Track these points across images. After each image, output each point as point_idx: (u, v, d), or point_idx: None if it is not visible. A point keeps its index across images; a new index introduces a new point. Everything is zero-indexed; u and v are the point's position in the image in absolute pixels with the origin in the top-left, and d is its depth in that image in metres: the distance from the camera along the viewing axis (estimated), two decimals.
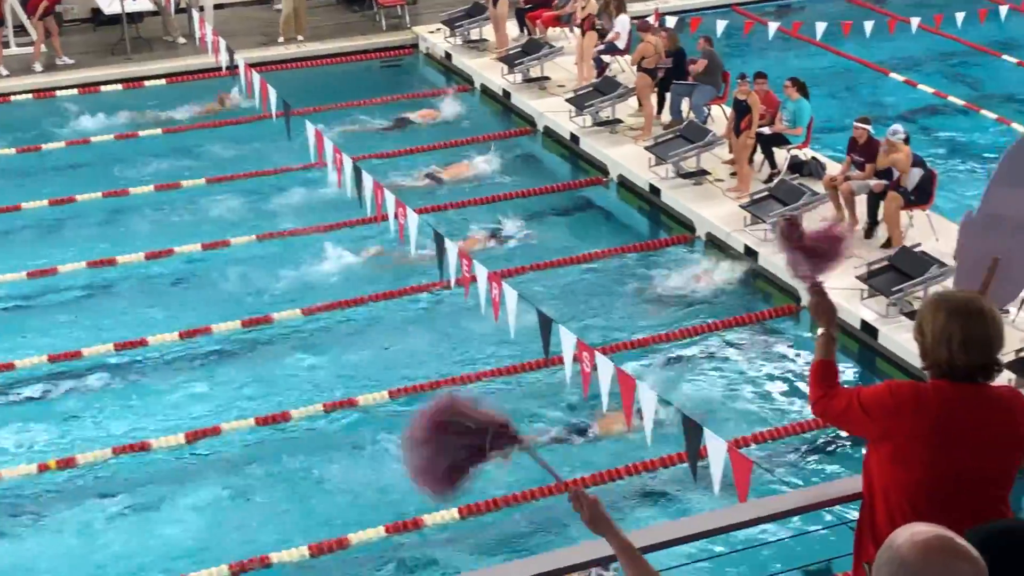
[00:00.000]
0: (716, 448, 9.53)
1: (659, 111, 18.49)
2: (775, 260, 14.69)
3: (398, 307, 14.53)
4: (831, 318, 4.97)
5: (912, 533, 3.25)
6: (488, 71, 20.86)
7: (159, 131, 19.16)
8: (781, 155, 16.65)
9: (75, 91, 20.73)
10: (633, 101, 18.60)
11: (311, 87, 20.63)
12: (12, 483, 11.67)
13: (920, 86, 20.24)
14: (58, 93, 20.71)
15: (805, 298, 4.87)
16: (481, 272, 12.41)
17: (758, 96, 16.37)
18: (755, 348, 13.62)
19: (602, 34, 19.85)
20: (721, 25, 19.92)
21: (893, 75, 20.71)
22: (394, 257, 15.28)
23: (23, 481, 11.71)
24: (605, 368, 10.66)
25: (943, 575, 3.17)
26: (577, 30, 20.31)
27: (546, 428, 12.15)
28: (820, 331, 4.96)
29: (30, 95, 20.72)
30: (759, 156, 16.72)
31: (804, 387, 12.58)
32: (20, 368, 13.31)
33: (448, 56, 21.94)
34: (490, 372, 13.19)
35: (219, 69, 18.91)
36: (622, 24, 19.66)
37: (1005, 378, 12.89)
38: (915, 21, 21.07)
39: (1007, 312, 12.82)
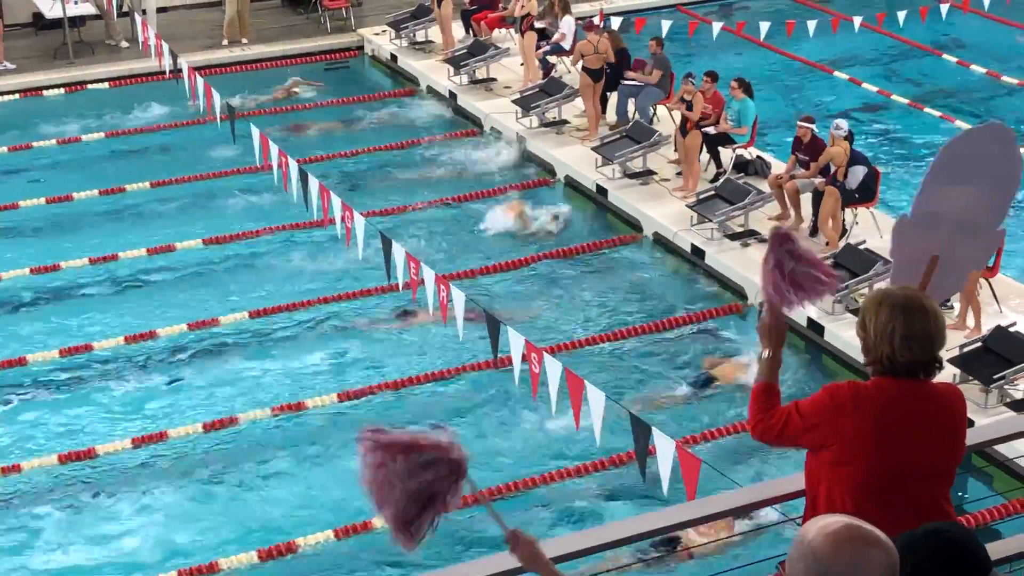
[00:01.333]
0: (665, 447, 9.56)
1: (604, 111, 18.54)
2: (720, 258, 14.79)
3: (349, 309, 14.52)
4: (780, 341, 4.88)
5: (821, 525, 3.27)
6: (434, 73, 20.82)
7: (102, 135, 18.97)
8: (727, 155, 16.74)
9: (16, 96, 20.52)
10: (580, 102, 18.63)
11: (256, 90, 20.52)
12: None
13: (864, 84, 20.42)
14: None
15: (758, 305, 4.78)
16: (429, 275, 12.39)
17: (703, 96, 16.45)
18: (702, 346, 13.68)
19: (545, 34, 19.89)
20: (666, 25, 19.99)
21: (837, 74, 20.88)
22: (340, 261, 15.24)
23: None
24: (554, 368, 10.66)
25: (854, 563, 3.19)
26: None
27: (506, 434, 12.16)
28: (766, 352, 4.86)
29: None
30: (705, 156, 16.80)
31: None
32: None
33: (394, 58, 21.88)
34: (440, 373, 13.18)
35: (163, 73, 18.76)
36: (567, 25, 19.69)
37: (948, 374, 13.06)
38: (858, 20, 21.24)
39: (950, 308, 12.95)
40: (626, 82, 18.13)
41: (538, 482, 11.49)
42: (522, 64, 20.13)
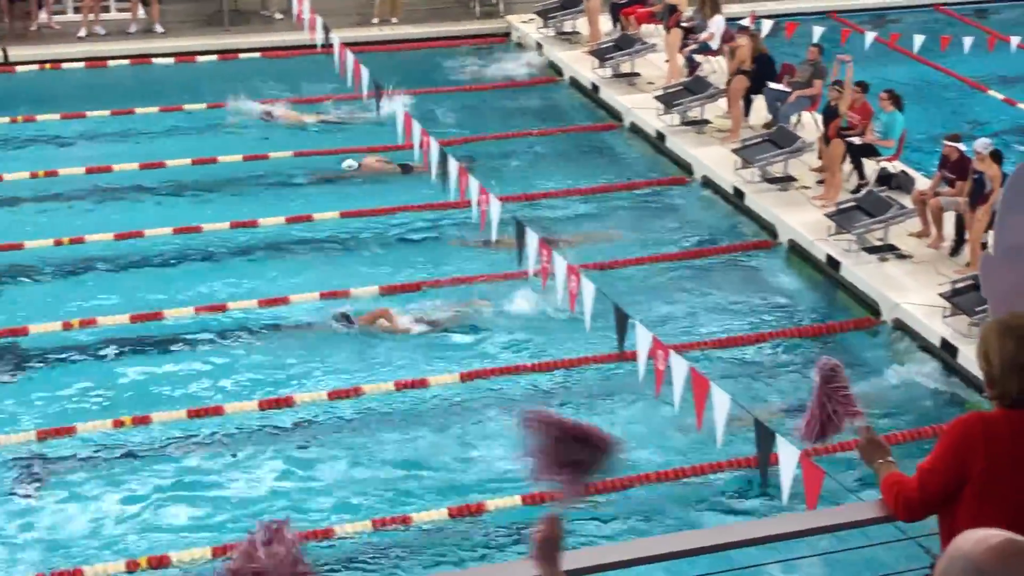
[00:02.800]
0: (788, 456, 9.46)
1: (748, 114, 18.37)
2: (856, 271, 14.56)
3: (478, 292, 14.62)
4: (886, 451, 4.85)
5: (980, 538, 3.18)
6: (578, 64, 20.83)
7: (254, 104, 19.33)
8: (871, 166, 16.46)
9: (171, 59, 21.03)
10: (723, 102, 18.48)
11: (401, 69, 20.72)
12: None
13: (1019, 104, 19.90)
14: (153, 60, 21.02)
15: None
16: (560, 264, 12.41)
17: (853, 106, 16.19)
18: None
19: (692, 32, 19.78)
20: (818, 32, 19.71)
21: (991, 92, 20.39)
22: (473, 243, 15.32)
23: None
24: (679, 367, 10.61)
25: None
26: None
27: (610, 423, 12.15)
28: (879, 462, 4.82)
29: (127, 60, 21.02)
30: (848, 166, 16.54)
31: (880, 400, 12.47)
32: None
33: (539, 47, 21.93)
34: (563, 362, 13.20)
35: (313, 46, 19.07)
36: (716, 24, 19.54)
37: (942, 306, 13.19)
38: (1015, 40, 20.73)
39: None
40: (773, 86, 17.94)
41: (652, 479, 11.45)
42: (667, 61, 20.03)
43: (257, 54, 21.40)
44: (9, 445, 11.73)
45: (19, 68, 20.63)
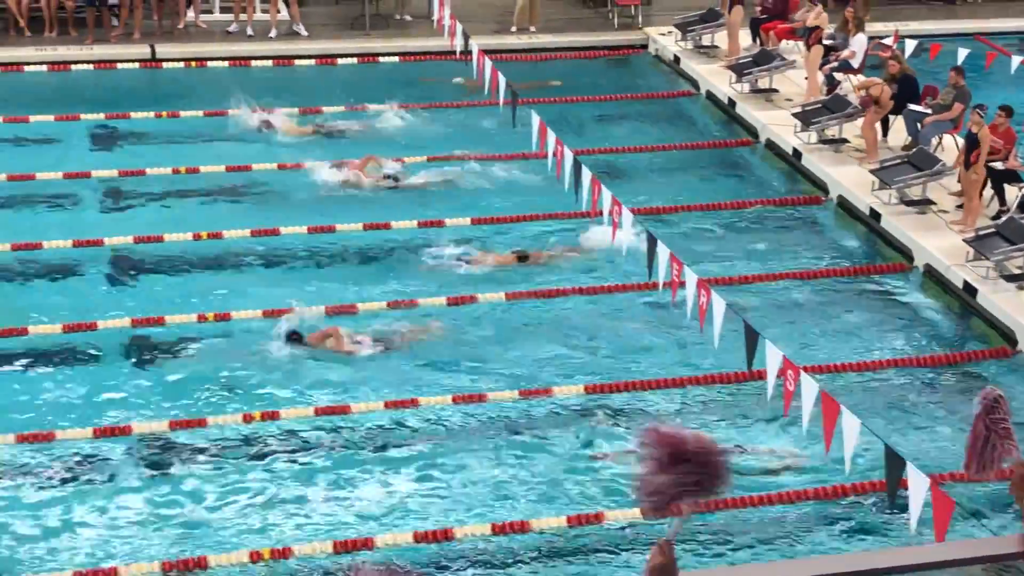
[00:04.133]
0: (918, 484, 9.27)
1: (886, 134, 18.08)
2: (994, 299, 14.22)
3: (599, 302, 14.58)
4: None
5: None
6: (715, 78, 20.70)
7: (390, 107, 19.55)
8: (1012, 192, 16.07)
9: (312, 61, 21.40)
10: (861, 121, 18.19)
11: (536, 78, 20.79)
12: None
13: None
14: (295, 63, 21.43)
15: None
16: (691, 278, 12.33)
17: (996, 131, 15.83)
18: (964, 387, 13.16)
19: (833, 49, 19.52)
20: (962, 54, 19.30)
21: None
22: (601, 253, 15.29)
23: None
24: (809, 389, 10.47)
25: None
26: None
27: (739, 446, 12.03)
28: None
29: (270, 61, 21.45)
30: (988, 191, 16.17)
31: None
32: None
33: (676, 60, 21.85)
34: (689, 379, 13.11)
35: (452, 53, 19.23)
36: (859, 43, 19.26)
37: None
38: None
39: None
40: (913, 107, 17.62)
41: (774, 500, 11.32)
42: (806, 78, 19.80)
43: (396, 58, 21.65)
44: (142, 433, 12.02)
45: (166, 65, 21.18)
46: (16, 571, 10.30)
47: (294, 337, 13.34)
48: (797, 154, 18.18)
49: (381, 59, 21.61)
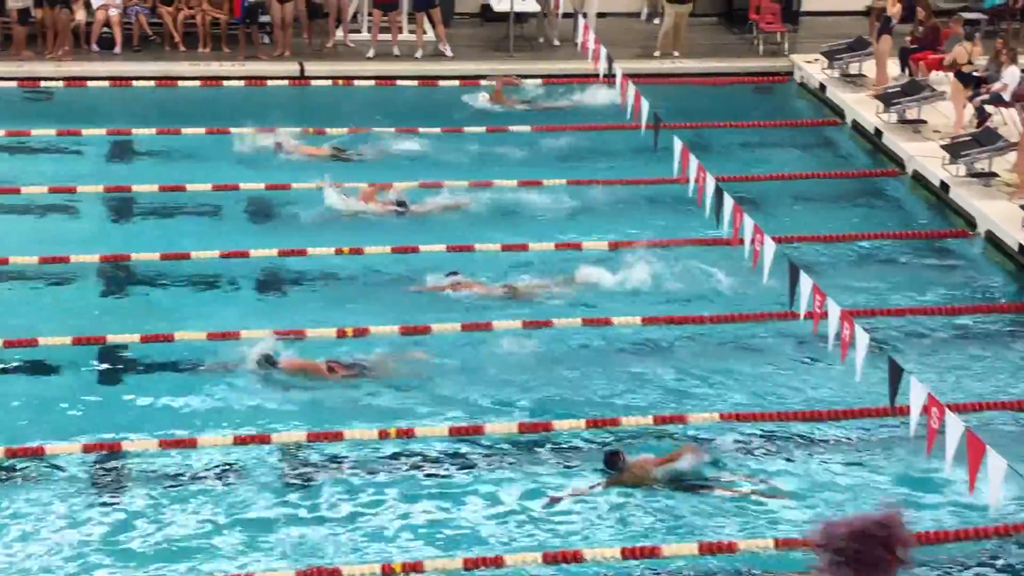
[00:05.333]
0: None
1: None
2: None
3: (738, 330, 14.44)
4: None
5: None
6: (861, 107, 20.38)
7: (527, 128, 19.67)
8: None
9: (456, 82, 21.62)
10: (1012, 155, 17.75)
11: (678, 103, 20.70)
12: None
13: None
14: (439, 83, 21.67)
15: None
16: (833, 309, 12.14)
17: None
18: None
19: (984, 81, 19.10)
20: None
21: None
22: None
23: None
24: (954, 428, 10.21)
25: None
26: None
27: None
28: None
29: (415, 81, 21.72)
30: None
31: None
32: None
33: (822, 88, 21.57)
34: (825, 413, 12.90)
35: (595, 76, 19.26)
36: (1011, 76, 18.79)
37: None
38: None
39: None
40: None
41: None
42: (955, 109, 19.40)
43: (538, 80, 21.73)
44: (280, 443, 12.21)
45: (313, 82, 21.57)
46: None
47: (269, 361, 13.23)
48: (944, 187, 17.79)
49: (526, 81, 21.67)
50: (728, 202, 14.30)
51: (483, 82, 20.90)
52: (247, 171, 17.94)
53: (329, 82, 21.57)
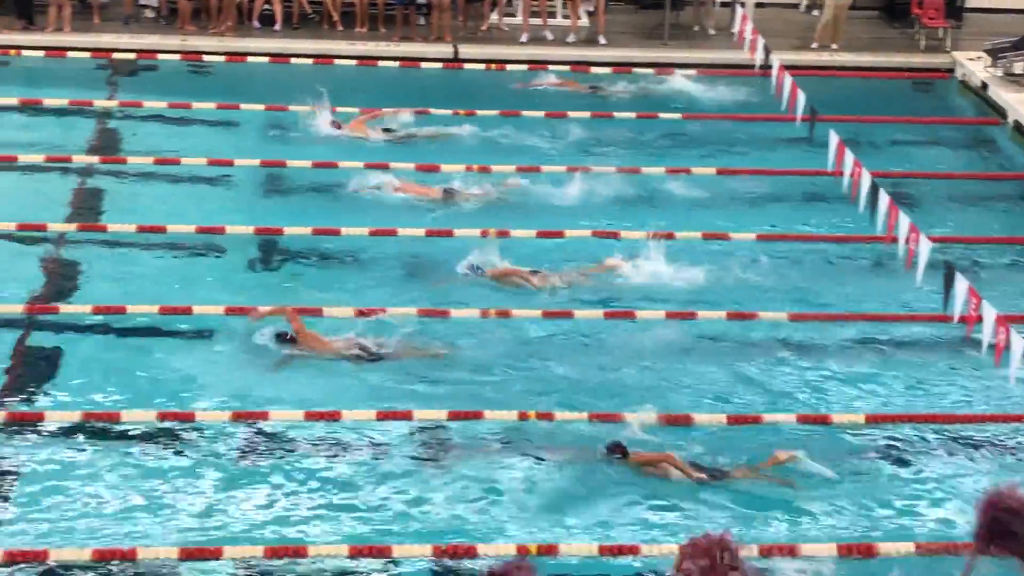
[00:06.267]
0: None
1: None
2: None
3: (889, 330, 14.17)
4: None
5: None
6: None
7: (678, 115, 19.55)
8: None
9: (609, 69, 21.56)
10: None
11: (835, 96, 20.34)
12: None
13: None
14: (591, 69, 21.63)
15: None
16: (989, 313, 11.82)
17: None
18: None
19: None
20: None
21: None
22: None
23: None
24: None
25: None
26: None
27: None
28: None
29: (567, 67, 21.70)
30: None
31: None
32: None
33: (984, 86, 20.99)
34: (983, 417, 12.57)
35: (750, 67, 19.04)
36: None
37: None
38: None
39: None
40: None
41: None
42: None
43: (692, 71, 21.53)
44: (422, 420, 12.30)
45: (467, 66, 21.70)
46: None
47: (285, 338, 13.21)
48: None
49: (677, 71, 21.48)
50: (883, 198, 14.02)
51: None
52: (395, 150, 18.13)
53: (482, 66, 21.66)
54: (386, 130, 18.49)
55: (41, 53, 21.17)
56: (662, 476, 11.36)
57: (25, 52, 21.12)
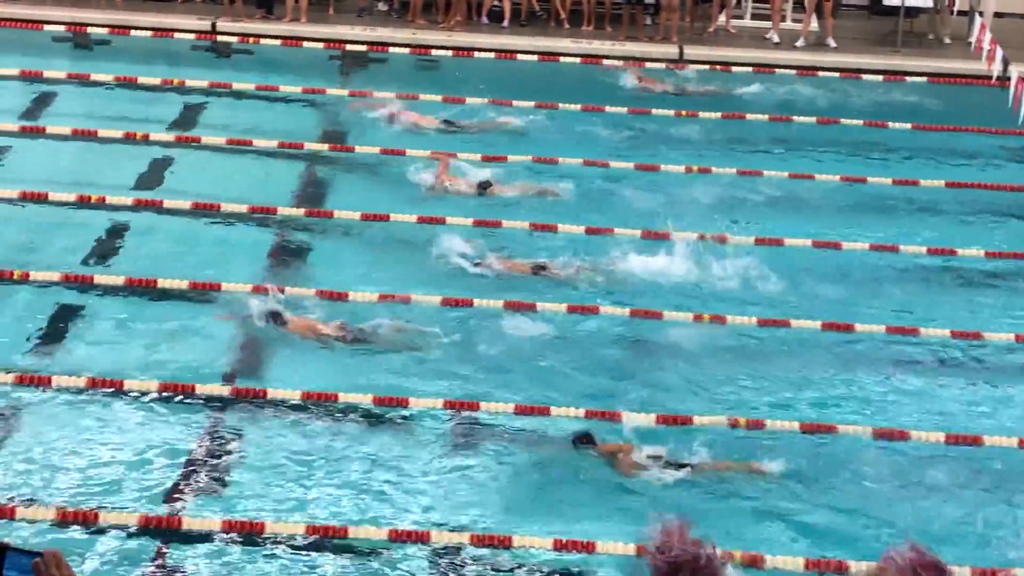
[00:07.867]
0: None
1: None
2: None
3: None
4: None
5: None
6: None
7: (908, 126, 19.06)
8: None
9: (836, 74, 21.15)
10: None
11: None
12: None
13: None
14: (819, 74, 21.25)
15: None
16: None
17: None
18: None
19: None
20: None
21: None
22: None
23: None
24: None
25: None
26: None
27: None
28: None
29: (794, 71, 21.34)
30: None
31: None
32: None
33: None
34: None
35: (987, 77, 18.38)
36: None
37: None
38: None
39: None
40: None
41: None
42: None
43: (923, 78, 20.90)
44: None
45: (691, 67, 21.50)
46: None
47: (278, 319, 13.11)
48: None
49: (909, 79, 20.91)
50: None
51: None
52: (616, 148, 18.12)
53: (707, 67, 21.47)
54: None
55: (278, 42, 21.90)
56: (628, 467, 11.20)
57: (263, 41, 21.88)
